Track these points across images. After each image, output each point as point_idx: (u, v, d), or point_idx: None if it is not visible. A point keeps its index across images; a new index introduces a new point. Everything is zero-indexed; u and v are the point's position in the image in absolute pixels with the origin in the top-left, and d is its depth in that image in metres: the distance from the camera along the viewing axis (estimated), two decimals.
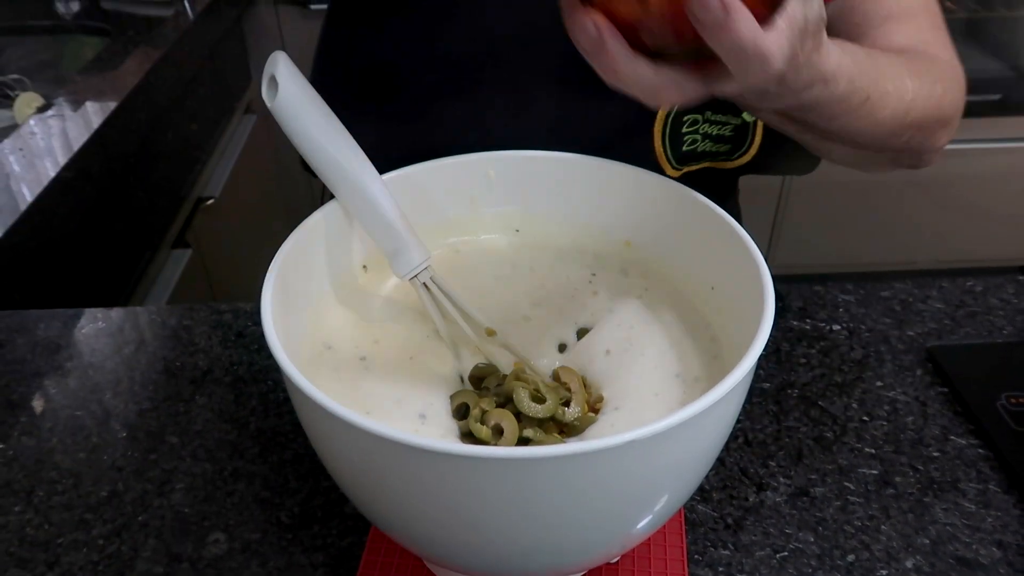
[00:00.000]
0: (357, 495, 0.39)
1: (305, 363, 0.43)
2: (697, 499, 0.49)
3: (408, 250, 0.45)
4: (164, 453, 0.54)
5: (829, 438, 0.53)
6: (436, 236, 0.51)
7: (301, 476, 0.52)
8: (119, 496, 0.51)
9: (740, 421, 0.55)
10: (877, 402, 0.56)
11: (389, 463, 0.33)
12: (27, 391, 0.60)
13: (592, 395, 0.43)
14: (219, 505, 0.50)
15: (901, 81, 0.56)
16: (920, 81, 0.57)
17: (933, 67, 0.61)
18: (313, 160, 0.44)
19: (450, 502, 0.33)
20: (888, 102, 0.54)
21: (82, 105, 1.07)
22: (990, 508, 0.48)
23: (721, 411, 0.35)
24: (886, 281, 0.67)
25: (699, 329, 0.45)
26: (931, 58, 0.62)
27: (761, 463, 0.52)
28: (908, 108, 0.56)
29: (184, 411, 0.57)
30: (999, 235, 1.90)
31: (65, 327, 0.66)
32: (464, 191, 0.51)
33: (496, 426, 0.40)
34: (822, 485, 0.50)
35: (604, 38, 0.32)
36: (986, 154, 1.79)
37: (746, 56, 0.32)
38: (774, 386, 0.57)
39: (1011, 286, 0.66)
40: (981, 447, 0.52)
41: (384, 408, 0.42)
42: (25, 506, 0.51)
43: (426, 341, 0.46)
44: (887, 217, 1.88)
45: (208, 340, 0.63)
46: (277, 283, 0.40)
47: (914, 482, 0.50)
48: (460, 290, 0.47)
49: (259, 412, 0.57)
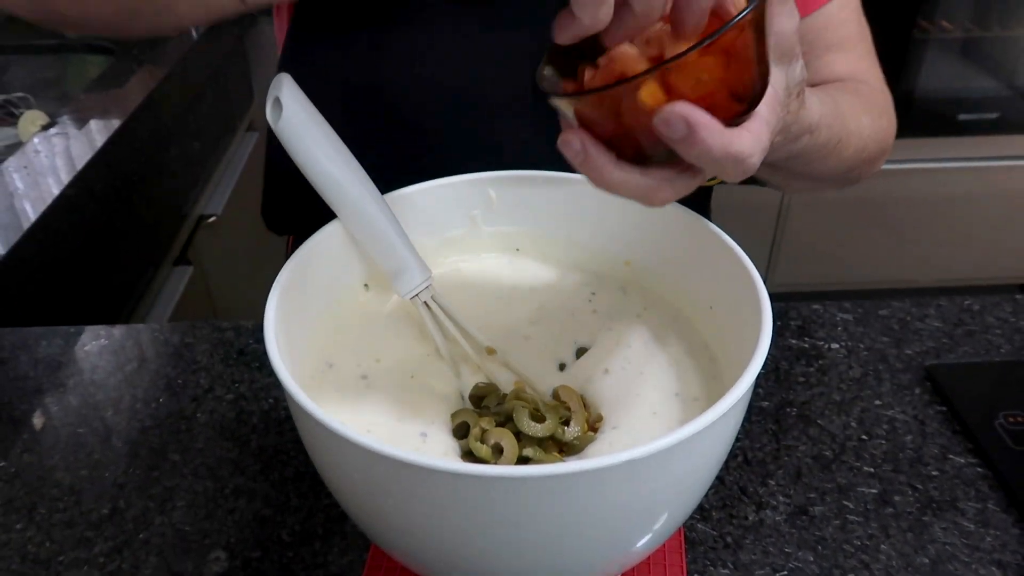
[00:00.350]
0: (358, 513, 0.39)
1: (307, 381, 0.44)
2: (697, 518, 0.50)
3: (409, 269, 0.46)
4: (165, 470, 0.54)
5: (828, 456, 0.54)
6: (437, 255, 0.51)
7: (302, 494, 0.52)
8: (120, 513, 0.51)
9: (739, 439, 0.55)
10: (876, 421, 0.56)
11: (389, 481, 0.33)
12: (29, 408, 0.60)
13: (591, 414, 0.43)
14: (220, 523, 0.50)
15: (859, 120, 0.60)
16: (871, 117, 0.62)
17: (877, 99, 0.66)
18: (315, 180, 0.45)
19: (450, 520, 0.34)
20: (852, 141, 0.58)
21: (86, 123, 1.07)
22: (989, 527, 0.49)
23: (719, 430, 0.35)
24: (884, 300, 0.67)
25: (698, 348, 0.45)
26: (872, 89, 0.65)
27: (760, 482, 0.52)
28: (865, 144, 0.60)
29: (186, 428, 0.57)
30: (997, 253, 1.91)
31: (67, 344, 0.66)
32: (465, 211, 0.51)
33: (496, 445, 0.40)
34: (821, 504, 0.50)
35: (588, 152, 0.33)
36: (984, 172, 1.80)
37: (719, 162, 0.32)
38: (773, 404, 0.58)
39: (1008, 305, 0.66)
40: (980, 466, 0.53)
41: (386, 426, 0.42)
42: (27, 523, 0.51)
43: (427, 359, 0.47)
44: (885, 236, 1.88)
45: (210, 358, 0.64)
46: (280, 302, 0.41)
47: (913, 501, 0.50)
48: (461, 309, 0.47)
49: (260, 429, 0.57)
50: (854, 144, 0.58)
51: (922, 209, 1.84)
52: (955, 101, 1.75)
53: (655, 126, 0.31)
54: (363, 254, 0.48)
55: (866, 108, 0.61)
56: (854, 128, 0.58)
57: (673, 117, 0.31)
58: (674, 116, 0.31)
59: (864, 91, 0.64)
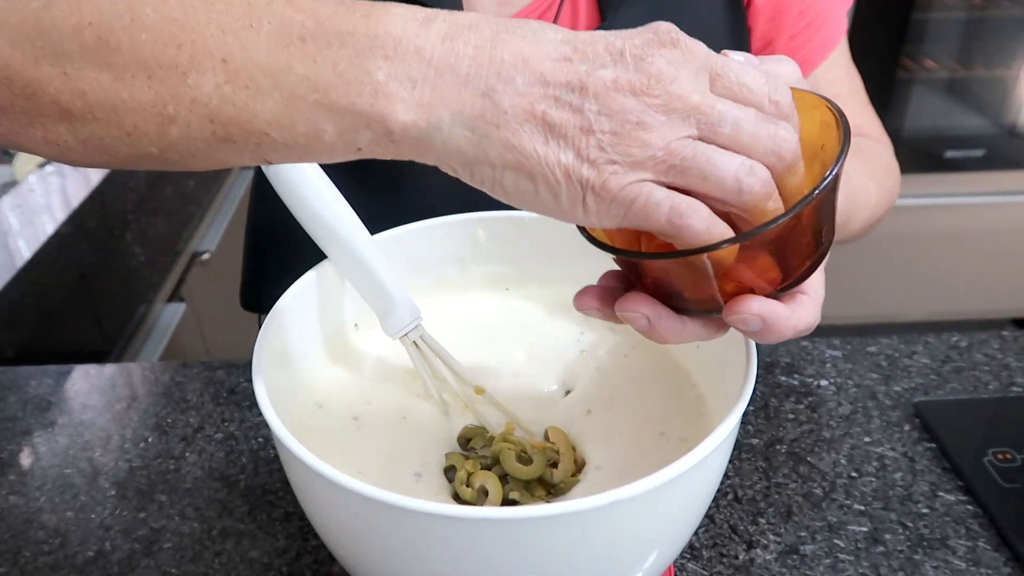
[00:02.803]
0: (345, 555, 0.39)
1: (296, 423, 0.44)
2: (687, 557, 0.49)
3: (398, 309, 0.46)
4: (153, 512, 0.54)
5: (818, 495, 0.54)
6: (427, 296, 0.51)
7: (290, 535, 0.51)
8: (106, 556, 0.51)
9: (729, 477, 0.55)
10: (865, 458, 0.56)
11: (375, 523, 0.33)
12: (16, 449, 0.60)
13: (579, 455, 0.43)
14: (207, 565, 0.50)
15: (867, 191, 0.60)
16: (877, 181, 0.62)
17: (880, 156, 0.65)
18: (306, 221, 0.46)
19: (437, 563, 0.34)
20: (861, 214, 0.59)
21: None
22: (980, 566, 0.48)
23: (706, 469, 0.35)
24: (872, 336, 0.68)
25: (685, 388, 0.45)
26: (872, 143, 0.65)
27: (751, 520, 0.52)
28: (874, 211, 0.61)
29: (174, 468, 0.57)
30: (985, 289, 1.92)
31: (57, 383, 0.66)
32: (454, 251, 0.52)
33: (481, 488, 0.40)
34: (812, 543, 0.50)
35: (654, 326, 0.34)
36: (971, 209, 1.82)
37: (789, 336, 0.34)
38: (763, 442, 0.58)
39: (995, 341, 0.67)
40: (970, 503, 0.52)
41: (377, 468, 0.42)
42: (11, 567, 0.50)
43: (418, 400, 0.47)
44: (874, 271, 1.90)
45: (200, 397, 0.64)
46: (269, 342, 0.41)
47: (904, 539, 0.50)
48: (450, 348, 0.47)
49: (249, 470, 0.57)
50: (864, 216, 0.59)
51: (910, 245, 1.86)
52: (941, 138, 1.78)
53: (729, 322, 0.33)
54: (352, 294, 0.49)
55: (872, 172, 0.61)
56: (862, 200, 0.58)
57: (750, 317, 0.32)
58: (751, 316, 0.32)
59: (865, 148, 0.63)
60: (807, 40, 0.62)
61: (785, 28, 0.61)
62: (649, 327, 0.34)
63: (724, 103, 0.30)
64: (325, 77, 0.29)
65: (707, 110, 0.29)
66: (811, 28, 0.61)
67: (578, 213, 0.31)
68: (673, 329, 0.34)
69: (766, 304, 0.32)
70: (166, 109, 0.30)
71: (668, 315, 0.34)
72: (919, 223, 1.83)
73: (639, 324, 0.34)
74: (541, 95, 0.29)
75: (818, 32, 0.62)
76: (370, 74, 0.29)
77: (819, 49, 0.62)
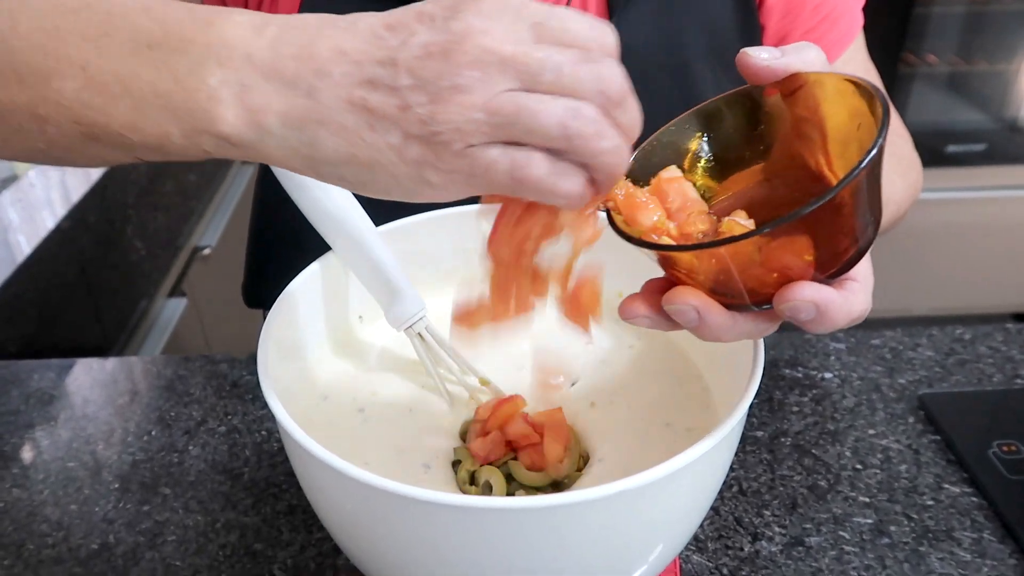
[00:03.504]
0: (350, 546, 0.39)
1: (301, 415, 0.44)
2: (692, 549, 0.49)
3: (403, 301, 0.46)
4: (156, 505, 0.54)
5: (823, 487, 0.53)
6: (431, 288, 0.51)
7: (294, 528, 0.51)
8: (110, 549, 0.51)
9: (734, 470, 0.55)
10: (870, 450, 0.56)
11: (381, 513, 0.33)
12: (19, 442, 0.59)
13: (584, 448, 0.43)
14: (211, 558, 0.50)
15: (893, 185, 0.58)
16: (902, 176, 0.61)
17: (903, 151, 0.64)
18: (310, 212, 0.45)
19: (444, 554, 0.33)
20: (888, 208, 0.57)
21: None
22: (986, 557, 0.48)
23: (712, 460, 0.35)
24: (876, 329, 0.68)
25: (690, 379, 0.45)
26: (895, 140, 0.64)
27: (756, 512, 0.52)
28: (899, 205, 0.60)
29: (178, 462, 0.57)
30: (987, 283, 1.92)
31: (59, 377, 0.66)
32: (459, 243, 0.51)
33: (486, 483, 0.40)
34: (817, 535, 0.50)
35: (704, 320, 0.32)
36: (971, 203, 1.82)
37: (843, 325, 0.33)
38: (767, 435, 0.58)
39: (1000, 334, 0.67)
40: (975, 495, 0.52)
41: (384, 459, 0.42)
42: (15, 560, 0.50)
43: (425, 392, 0.47)
44: (876, 266, 1.87)
45: (203, 390, 0.63)
46: (274, 334, 0.41)
47: (909, 531, 0.50)
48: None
49: (252, 463, 0.57)
50: (890, 211, 0.58)
51: (911, 240, 1.86)
52: (943, 133, 1.78)
53: (779, 311, 0.31)
54: (357, 286, 0.48)
55: (894, 165, 0.60)
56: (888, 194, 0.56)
57: (802, 304, 0.31)
58: (803, 303, 0.30)
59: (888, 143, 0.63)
60: (823, 35, 0.61)
61: (800, 24, 0.61)
62: (699, 321, 0.32)
63: (543, 49, 0.29)
64: (167, 84, 0.30)
65: (524, 59, 0.28)
66: (827, 22, 0.61)
67: (425, 192, 0.30)
68: (724, 324, 0.32)
69: (819, 290, 0.31)
70: (38, 111, 0.32)
71: (719, 310, 0.32)
72: (920, 218, 1.82)
73: (689, 317, 0.32)
74: (357, 81, 0.29)
75: (834, 27, 0.61)
76: (205, 81, 0.30)
77: (835, 44, 0.62)
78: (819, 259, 0.31)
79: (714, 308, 0.32)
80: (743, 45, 0.33)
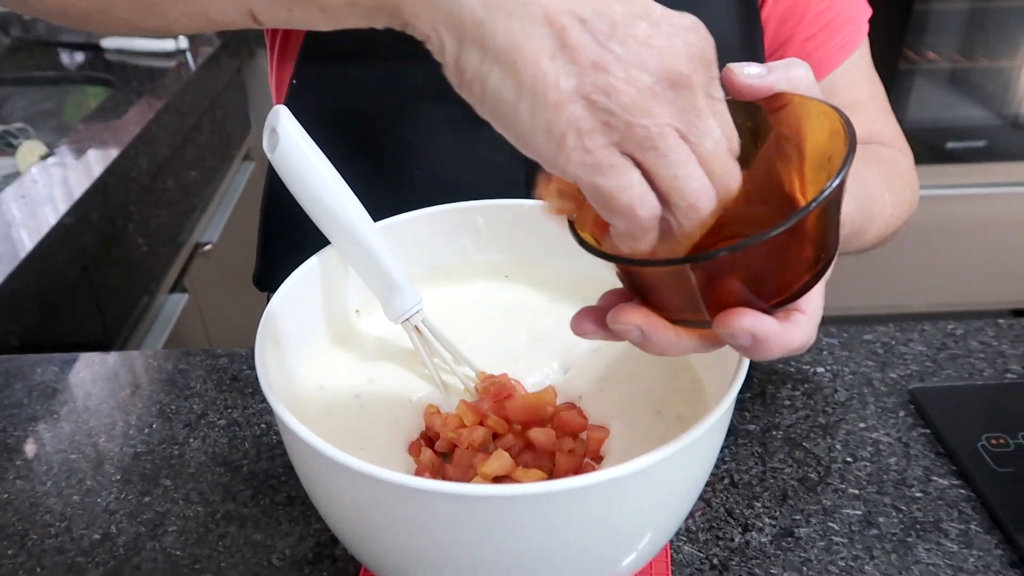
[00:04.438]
0: (347, 534, 0.39)
1: (298, 403, 0.44)
2: (683, 539, 0.50)
3: (400, 294, 0.47)
4: (157, 496, 0.54)
5: (813, 479, 0.54)
6: (428, 282, 0.52)
7: (292, 519, 0.52)
8: (111, 539, 0.51)
9: (725, 462, 0.55)
10: (860, 443, 0.57)
11: (377, 501, 0.34)
12: (22, 435, 0.60)
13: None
14: (211, 548, 0.51)
15: (882, 201, 0.57)
16: (895, 193, 0.60)
17: (899, 166, 0.63)
18: (309, 207, 0.46)
19: (437, 541, 0.34)
20: (875, 226, 0.57)
21: (84, 154, 1.09)
22: (972, 548, 0.49)
23: (700, 450, 0.36)
24: (869, 324, 0.68)
25: (681, 370, 0.46)
26: (892, 153, 0.64)
27: (747, 504, 0.52)
28: (888, 223, 0.60)
29: (178, 454, 0.58)
30: (985, 280, 1.92)
31: (61, 371, 0.66)
32: (455, 239, 0.52)
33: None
34: (807, 526, 0.51)
35: (648, 338, 0.33)
36: (972, 200, 1.82)
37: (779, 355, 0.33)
38: (759, 428, 0.58)
39: (991, 329, 0.67)
40: (963, 488, 0.53)
41: (379, 448, 0.43)
42: (18, 550, 0.51)
43: (421, 382, 0.47)
44: (873, 262, 1.89)
45: (203, 384, 0.64)
46: (272, 328, 0.42)
47: (897, 523, 0.51)
48: (451, 333, 0.48)
49: (252, 455, 0.57)
50: (876, 228, 0.57)
51: (911, 236, 1.85)
52: (943, 130, 1.78)
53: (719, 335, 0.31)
54: (355, 280, 0.49)
55: (889, 182, 0.59)
56: (877, 211, 0.57)
57: (739, 332, 0.30)
58: (740, 332, 0.30)
59: (884, 157, 0.62)
60: (824, 41, 0.61)
61: (801, 30, 0.60)
62: (643, 339, 0.33)
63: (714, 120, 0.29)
64: None
65: (705, 117, 0.28)
66: (828, 30, 0.61)
67: (549, 149, 0.28)
68: (668, 341, 0.33)
69: (757, 320, 0.31)
70: None
71: (663, 327, 0.32)
72: (920, 214, 1.81)
73: (632, 336, 0.33)
74: (570, 8, 0.27)
75: (836, 34, 0.61)
76: None
77: (837, 51, 0.61)
78: (764, 289, 0.31)
79: (659, 326, 0.32)
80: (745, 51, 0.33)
